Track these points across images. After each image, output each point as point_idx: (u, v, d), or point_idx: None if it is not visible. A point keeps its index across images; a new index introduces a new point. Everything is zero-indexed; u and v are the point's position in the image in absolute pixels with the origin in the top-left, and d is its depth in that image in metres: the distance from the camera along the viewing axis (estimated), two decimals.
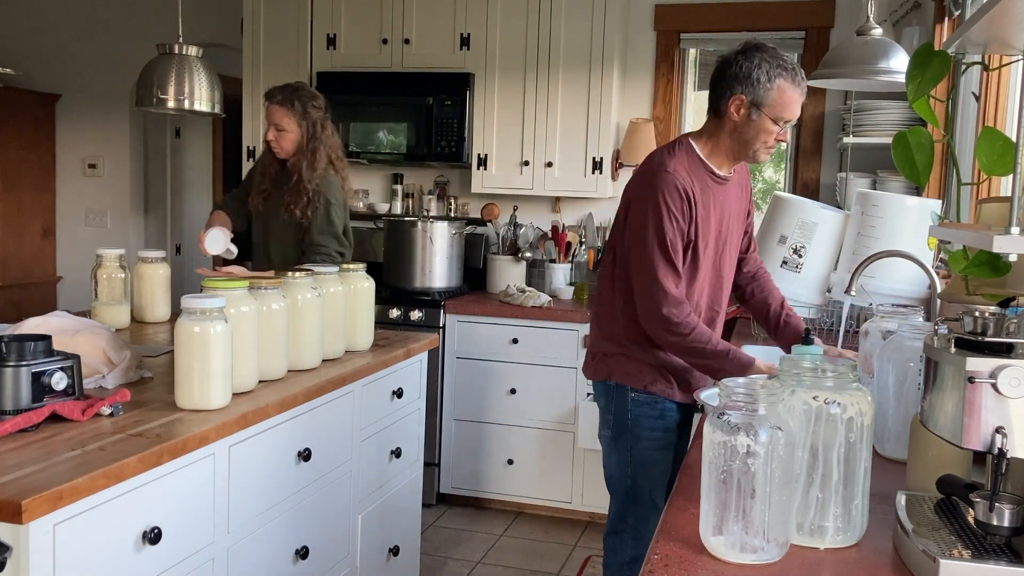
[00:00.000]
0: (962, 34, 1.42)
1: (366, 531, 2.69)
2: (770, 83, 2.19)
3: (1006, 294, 1.51)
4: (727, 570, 1.25)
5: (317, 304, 2.43)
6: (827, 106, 4.13)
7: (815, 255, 3.10)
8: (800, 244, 3.10)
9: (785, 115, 2.22)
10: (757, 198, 4.65)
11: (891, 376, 1.74)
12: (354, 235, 4.74)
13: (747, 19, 4.17)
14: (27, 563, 1.45)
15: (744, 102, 2.21)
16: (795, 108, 2.23)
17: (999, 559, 1.19)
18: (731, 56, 2.26)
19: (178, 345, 1.96)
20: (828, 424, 1.30)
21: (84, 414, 1.84)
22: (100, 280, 2.90)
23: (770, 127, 2.22)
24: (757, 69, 2.20)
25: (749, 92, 2.20)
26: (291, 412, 2.21)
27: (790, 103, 2.21)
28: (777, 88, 2.19)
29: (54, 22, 5.43)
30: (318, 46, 4.43)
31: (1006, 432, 1.18)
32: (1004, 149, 1.42)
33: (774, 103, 2.20)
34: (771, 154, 2.32)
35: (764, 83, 2.19)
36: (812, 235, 3.09)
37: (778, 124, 2.22)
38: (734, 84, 2.23)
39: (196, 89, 3.12)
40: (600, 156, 4.13)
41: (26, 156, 5.34)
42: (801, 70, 2.25)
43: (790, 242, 3.12)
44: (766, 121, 2.21)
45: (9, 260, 5.29)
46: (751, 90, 2.20)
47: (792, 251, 3.12)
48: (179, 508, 1.82)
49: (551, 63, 4.14)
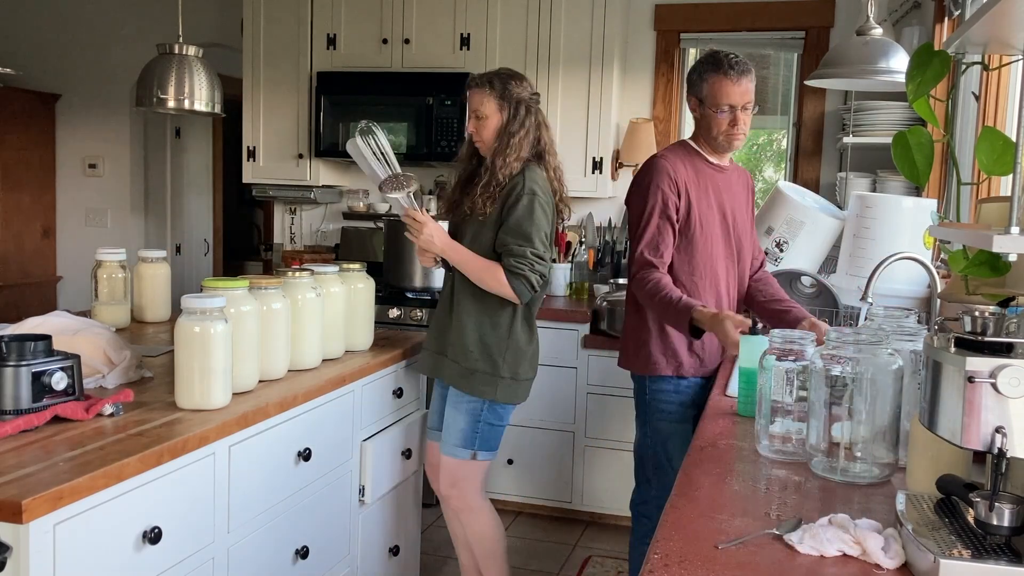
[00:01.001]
0: (962, 34, 1.42)
1: (366, 531, 2.69)
2: (702, 80, 2.57)
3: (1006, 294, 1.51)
4: (727, 568, 1.25)
5: (317, 304, 2.43)
6: (827, 106, 4.14)
7: (797, 252, 3.11)
8: (784, 239, 3.11)
9: (721, 102, 2.53)
10: (757, 198, 4.64)
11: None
12: (354, 235, 4.77)
13: (747, 19, 4.17)
14: (27, 563, 1.45)
15: (695, 101, 2.62)
16: (729, 94, 2.52)
17: (999, 559, 1.19)
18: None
19: (178, 345, 1.96)
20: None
21: (88, 412, 1.84)
22: (100, 280, 2.90)
23: (716, 115, 2.56)
24: (695, 72, 2.61)
25: (694, 92, 2.62)
26: (291, 412, 2.21)
27: (721, 91, 2.52)
28: (708, 82, 2.55)
29: (54, 22, 5.43)
30: (318, 46, 4.43)
31: (1006, 432, 1.18)
32: (1004, 149, 1.42)
33: (709, 94, 2.56)
34: (737, 138, 2.61)
35: (699, 81, 2.59)
36: (798, 233, 3.10)
37: (722, 111, 2.54)
38: (688, 89, 2.66)
39: (196, 89, 3.13)
40: (600, 156, 4.13)
41: (26, 156, 5.34)
42: (735, 58, 2.54)
43: (775, 235, 3.13)
44: (710, 111, 2.57)
45: (9, 260, 5.29)
46: (695, 90, 2.61)
47: (775, 244, 3.13)
48: (179, 508, 1.82)
49: (551, 63, 4.14)
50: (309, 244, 4.98)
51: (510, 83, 2.66)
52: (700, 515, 1.45)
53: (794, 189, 3.31)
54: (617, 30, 4.11)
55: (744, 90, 2.54)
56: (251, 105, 4.56)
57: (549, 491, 4.02)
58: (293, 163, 4.55)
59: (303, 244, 4.99)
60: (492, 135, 2.66)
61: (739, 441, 1.90)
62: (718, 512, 1.47)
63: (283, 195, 4.68)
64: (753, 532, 1.38)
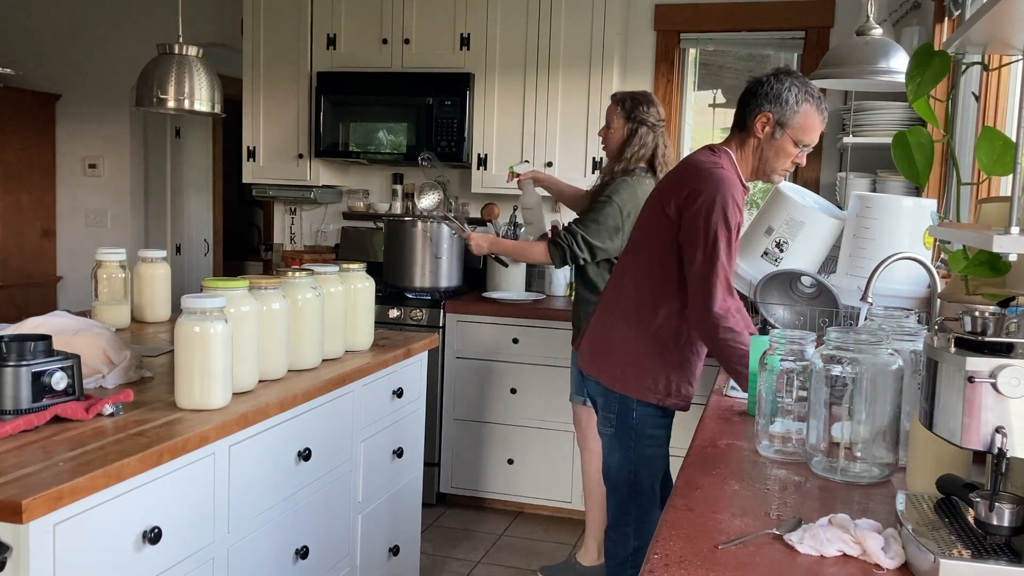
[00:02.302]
0: (962, 34, 1.42)
1: (366, 531, 2.69)
2: (797, 105, 2.30)
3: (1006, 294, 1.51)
4: (727, 568, 1.25)
5: (317, 304, 2.43)
6: (827, 106, 4.13)
7: (796, 253, 3.11)
8: (784, 239, 3.11)
9: (806, 138, 2.32)
10: (757, 197, 4.64)
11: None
12: (354, 235, 4.77)
13: (747, 19, 4.17)
14: (27, 563, 1.45)
15: (770, 120, 2.31)
16: (816, 134, 2.33)
17: (999, 559, 1.19)
18: (763, 77, 2.36)
19: (178, 345, 1.96)
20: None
21: (88, 412, 1.84)
22: (100, 280, 2.90)
23: (790, 148, 2.32)
24: (787, 91, 2.30)
25: (776, 111, 2.30)
26: (291, 412, 2.21)
27: (812, 128, 2.32)
28: (803, 112, 2.30)
29: (54, 22, 5.43)
30: (318, 46, 4.43)
31: (1006, 432, 1.18)
32: (1004, 149, 1.42)
33: (798, 125, 2.31)
34: (782, 177, 2.43)
35: (792, 104, 2.30)
36: (798, 233, 3.10)
37: (798, 146, 2.32)
38: (763, 102, 2.32)
39: (196, 89, 3.12)
40: (600, 156, 4.12)
41: (26, 156, 5.34)
42: (824, 100, 2.35)
43: (775, 235, 3.12)
44: (787, 141, 2.32)
45: (9, 260, 5.29)
46: (779, 109, 2.30)
47: (775, 244, 3.13)
48: (179, 508, 1.82)
49: (551, 63, 4.14)
50: (309, 244, 4.98)
51: (639, 107, 3.13)
52: (700, 515, 1.45)
53: (794, 189, 3.31)
54: (617, 30, 4.11)
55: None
56: (251, 105, 4.56)
57: (549, 491, 4.02)
58: (293, 163, 4.55)
59: (303, 244, 4.98)
60: (613, 144, 3.20)
61: (739, 441, 1.90)
62: (718, 512, 1.47)
63: (283, 195, 4.68)
64: (753, 532, 1.38)
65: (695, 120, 4.54)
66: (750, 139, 2.36)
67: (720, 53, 4.46)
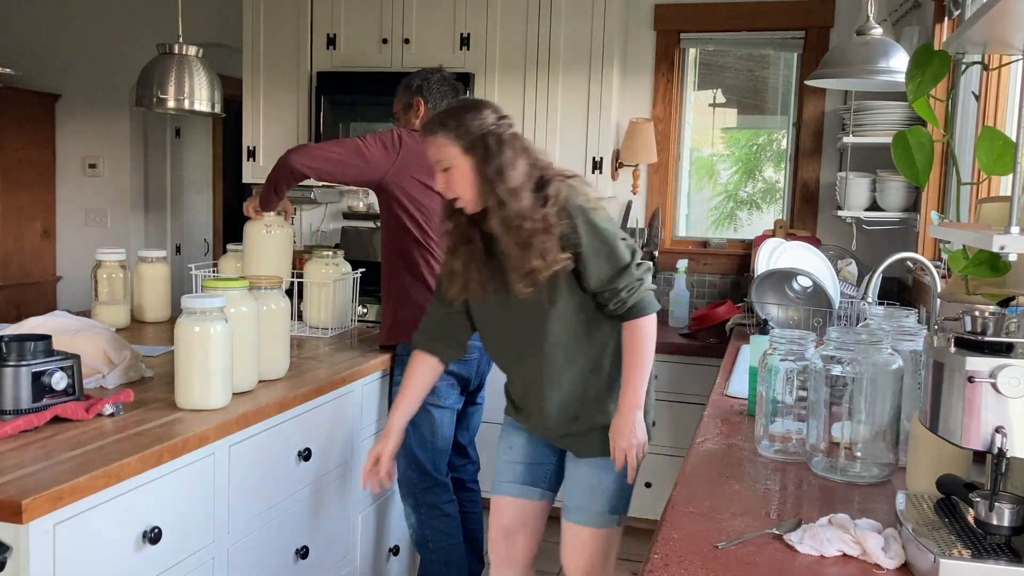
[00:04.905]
0: (962, 34, 1.42)
1: (366, 531, 2.69)
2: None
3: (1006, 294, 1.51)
4: (727, 568, 1.25)
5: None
6: (827, 106, 4.13)
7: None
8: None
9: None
10: (757, 197, 4.65)
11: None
12: (354, 235, 4.77)
13: (747, 19, 4.17)
14: (27, 563, 1.45)
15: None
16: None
17: (999, 559, 1.19)
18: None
19: (178, 345, 1.96)
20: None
21: (88, 412, 1.84)
22: (100, 280, 2.90)
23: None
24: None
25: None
26: (291, 412, 2.21)
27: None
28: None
29: (54, 22, 5.43)
30: (318, 46, 4.42)
31: (1006, 432, 1.18)
32: (1004, 149, 1.42)
33: None
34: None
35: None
36: None
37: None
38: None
39: (196, 89, 3.12)
40: (600, 156, 4.12)
41: (26, 156, 5.34)
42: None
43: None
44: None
45: (9, 260, 5.29)
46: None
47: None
48: (179, 508, 1.82)
49: (551, 63, 4.13)
50: (309, 244, 4.98)
51: (465, 117, 2.05)
52: (700, 515, 1.45)
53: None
54: (617, 30, 4.11)
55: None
56: (251, 105, 4.55)
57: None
58: None
59: (303, 244, 4.98)
60: (470, 186, 2.03)
61: (739, 441, 1.90)
62: (718, 512, 1.47)
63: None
64: (753, 532, 1.38)
65: (695, 120, 4.54)
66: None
67: (720, 53, 4.46)
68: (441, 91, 3.01)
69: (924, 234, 3.33)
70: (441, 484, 2.75)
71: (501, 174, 1.98)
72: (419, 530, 2.77)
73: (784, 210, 4.31)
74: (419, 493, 2.73)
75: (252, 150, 4.58)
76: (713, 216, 4.62)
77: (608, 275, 2.02)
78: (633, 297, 2.03)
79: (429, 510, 2.74)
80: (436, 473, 2.73)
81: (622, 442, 2.04)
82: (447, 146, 2.04)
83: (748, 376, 2.15)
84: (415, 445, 2.68)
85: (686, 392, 3.64)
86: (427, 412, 2.64)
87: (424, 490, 2.73)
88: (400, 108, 3.01)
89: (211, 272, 3.03)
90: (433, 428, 2.69)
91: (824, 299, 3.10)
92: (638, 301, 2.03)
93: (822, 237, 4.07)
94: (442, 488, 2.76)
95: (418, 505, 2.74)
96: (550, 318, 2.07)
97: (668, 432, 3.68)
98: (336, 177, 2.72)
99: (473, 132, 2.02)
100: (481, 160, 2.00)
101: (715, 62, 4.50)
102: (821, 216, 4.13)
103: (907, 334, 1.80)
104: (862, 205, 3.73)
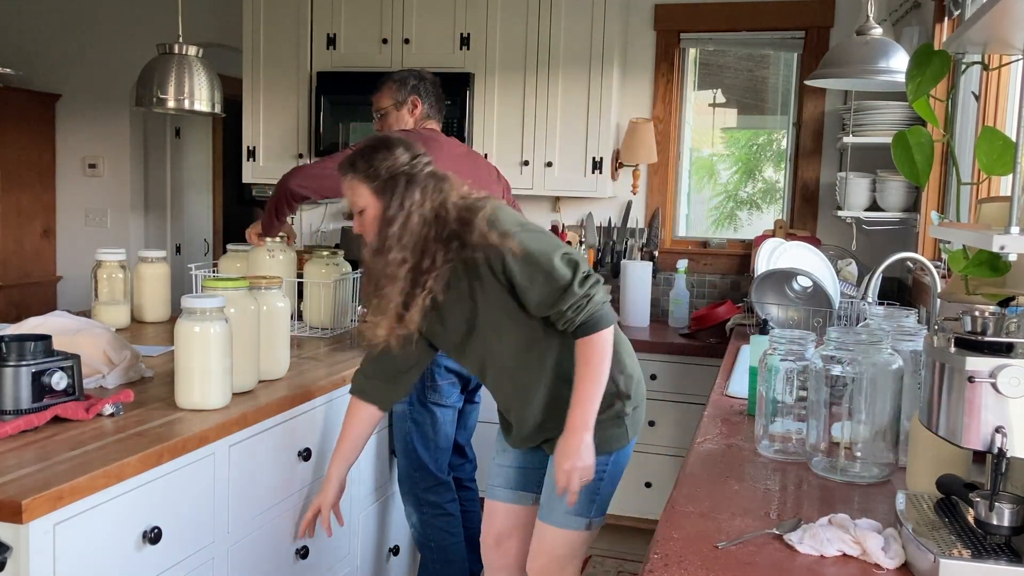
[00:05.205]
0: (962, 34, 1.42)
1: (366, 531, 2.69)
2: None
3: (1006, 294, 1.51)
4: (727, 568, 1.25)
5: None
6: (827, 106, 4.13)
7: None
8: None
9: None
10: (757, 198, 4.65)
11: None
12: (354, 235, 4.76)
13: (747, 19, 4.17)
14: (27, 563, 1.45)
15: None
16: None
17: (999, 559, 1.19)
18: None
19: (178, 345, 1.96)
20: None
21: (88, 412, 1.84)
22: (100, 280, 2.90)
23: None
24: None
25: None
26: (291, 412, 2.21)
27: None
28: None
29: (54, 22, 5.43)
30: (318, 46, 4.42)
31: (1006, 432, 1.19)
32: (1004, 149, 1.42)
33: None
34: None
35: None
36: None
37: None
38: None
39: (196, 89, 3.12)
40: (600, 156, 4.12)
41: (26, 156, 5.34)
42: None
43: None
44: None
45: (9, 260, 5.29)
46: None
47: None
48: (179, 508, 1.82)
49: (551, 63, 4.13)
50: (309, 244, 4.98)
51: (375, 157, 1.99)
52: (700, 515, 1.45)
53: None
54: (617, 30, 4.11)
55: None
56: (251, 105, 4.55)
57: None
58: (293, 163, 4.53)
59: (303, 244, 4.98)
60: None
61: (739, 441, 1.90)
62: (718, 512, 1.47)
63: None
64: (753, 532, 1.38)
65: (695, 120, 4.54)
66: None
67: (720, 53, 4.46)
68: (436, 93, 3.02)
69: (924, 234, 3.33)
70: (444, 483, 2.75)
71: (395, 220, 1.94)
72: (421, 529, 2.77)
73: (784, 210, 4.31)
74: (421, 492, 2.73)
75: (252, 150, 4.58)
76: (713, 216, 4.62)
77: (550, 299, 1.92)
78: (581, 315, 1.92)
79: (432, 509, 2.74)
80: (439, 472, 2.73)
81: (565, 464, 1.92)
82: (359, 187, 2.00)
83: (748, 376, 2.15)
84: (418, 444, 2.68)
85: (686, 392, 3.64)
86: (430, 411, 2.65)
87: (427, 489, 2.73)
88: (390, 104, 2.99)
89: (211, 272, 3.03)
90: (436, 427, 2.69)
91: (824, 299, 3.10)
92: (587, 319, 1.92)
93: (822, 237, 4.07)
94: (444, 487, 2.76)
95: (420, 504, 2.74)
96: (497, 340, 2.03)
97: (668, 432, 3.68)
98: (336, 191, 2.63)
99: (383, 174, 1.97)
100: (389, 201, 1.96)
101: (715, 62, 4.50)
102: (821, 216, 4.14)
103: (907, 334, 1.80)
104: (862, 205, 3.74)
